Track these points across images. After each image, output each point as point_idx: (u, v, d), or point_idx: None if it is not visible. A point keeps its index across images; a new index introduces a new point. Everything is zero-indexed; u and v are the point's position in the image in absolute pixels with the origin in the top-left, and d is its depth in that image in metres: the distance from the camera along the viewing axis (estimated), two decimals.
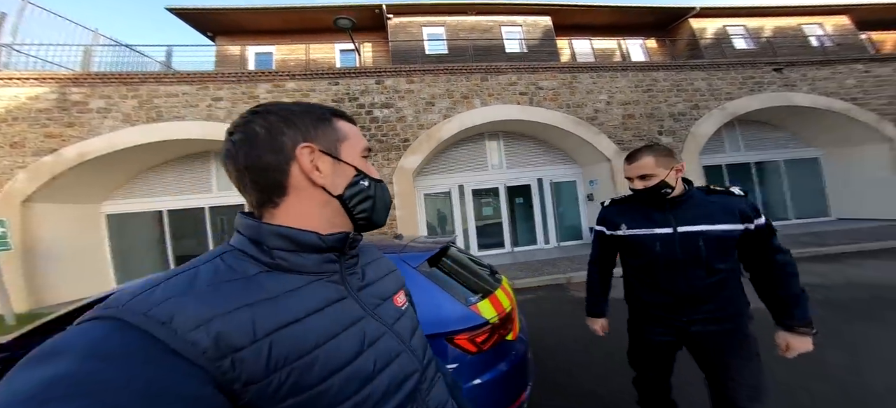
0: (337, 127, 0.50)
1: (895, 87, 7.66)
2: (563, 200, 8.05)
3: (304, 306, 0.41)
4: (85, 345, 0.31)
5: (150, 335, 0.32)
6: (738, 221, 1.12)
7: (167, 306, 0.34)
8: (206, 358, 0.33)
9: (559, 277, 5.19)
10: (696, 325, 1.16)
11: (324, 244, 0.45)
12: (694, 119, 7.39)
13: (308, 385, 0.37)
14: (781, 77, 7.69)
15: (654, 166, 1.13)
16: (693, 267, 1.13)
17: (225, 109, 6.39)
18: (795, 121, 8.27)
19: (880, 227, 6.62)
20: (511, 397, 1.45)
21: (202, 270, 0.40)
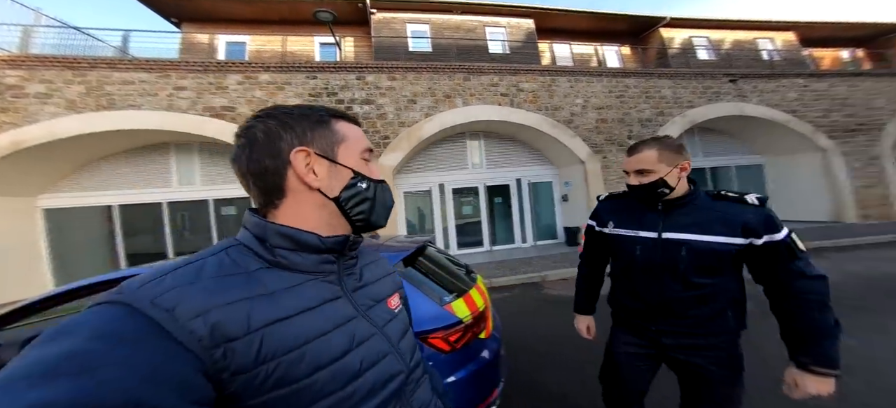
0: (335, 129, 0.51)
1: (829, 101, 8.61)
2: (539, 200, 8.35)
3: (298, 303, 0.43)
4: (95, 327, 0.33)
5: (154, 322, 0.34)
6: (739, 235, 0.96)
7: (172, 295, 0.36)
8: (201, 346, 0.35)
9: (534, 275, 5.40)
10: (668, 337, 1.07)
11: (323, 246, 0.47)
12: (659, 125, 7.87)
13: (294, 379, 0.39)
14: (736, 88, 8.37)
15: (656, 161, 1.01)
16: (669, 277, 1.03)
17: (189, 98, 5.96)
18: (745, 129, 9.08)
19: (811, 228, 7.53)
20: (484, 394, 1.49)
21: (209, 262, 0.42)
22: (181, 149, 6.92)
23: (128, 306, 0.35)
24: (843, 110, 8.56)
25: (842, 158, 8.14)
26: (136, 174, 6.73)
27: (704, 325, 1.02)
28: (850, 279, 3.93)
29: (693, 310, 1.02)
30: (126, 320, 0.34)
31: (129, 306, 0.35)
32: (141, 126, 5.75)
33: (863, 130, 8.47)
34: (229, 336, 0.37)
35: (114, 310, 0.35)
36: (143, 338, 0.33)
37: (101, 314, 0.34)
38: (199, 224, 6.97)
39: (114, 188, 6.59)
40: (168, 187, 6.81)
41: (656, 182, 1.01)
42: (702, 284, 1.00)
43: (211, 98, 6.06)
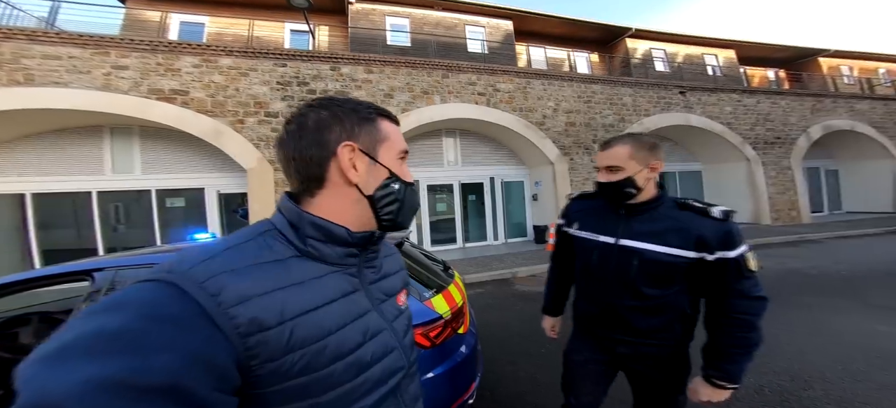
0: (380, 127, 0.51)
1: (756, 116, 9.91)
2: (511, 199, 8.70)
3: (323, 295, 0.44)
4: (146, 304, 0.34)
5: (200, 306, 0.35)
6: (692, 248, 0.93)
7: (219, 280, 0.37)
8: (238, 334, 0.36)
9: (505, 272, 5.67)
10: (622, 345, 1.05)
11: (351, 239, 0.48)
12: (620, 130, 8.50)
13: (316, 368, 0.41)
14: (684, 100, 9.28)
15: (627, 158, 0.97)
16: (621, 286, 1.01)
17: (130, 79, 5.27)
18: (688, 138, 10.17)
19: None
20: (462, 388, 1.51)
21: (249, 246, 0.43)
22: (119, 133, 6.13)
23: (177, 287, 0.35)
24: (765, 125, 9.93)
25: (762, 168, 9.51)
26: (60, 159, 5.87)
27: (652, 336, 1.01)
28: (766, 274, 4.68)
29: (641, 321, 1.00)
30: (175, 300, 0.35)
31: (178, 288, 0.35)
32: (68, 106, 5.00)
33: (779, 142, 9.92)
34: (265, 325, 0.38)
35: (164, 289, 0.35)
36: (190, 321, 0.34)
37: (153, 292, 0.35)
38: (138, 217, 6.30)
39: (29, 175, 5.71)
40: (99, 175, 6.05)
41: (624, 181, 0.97)
42: (650, 296, 0.97)
43: (159, 80, 5.41)
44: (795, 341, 2.59)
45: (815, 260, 5.43)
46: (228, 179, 6.53)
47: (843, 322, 2.91)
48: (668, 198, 1.02)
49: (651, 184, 1.00)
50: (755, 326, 0.92)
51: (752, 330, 0.92)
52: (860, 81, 13.41)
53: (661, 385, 1.04)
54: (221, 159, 6.23)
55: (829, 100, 10.68)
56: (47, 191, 5.79)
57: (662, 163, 1.00)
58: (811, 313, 3.14)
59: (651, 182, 1.00)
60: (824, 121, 10.42)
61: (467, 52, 9.13)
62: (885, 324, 2.80)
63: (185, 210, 6.53)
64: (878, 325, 2.79)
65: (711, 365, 0.94)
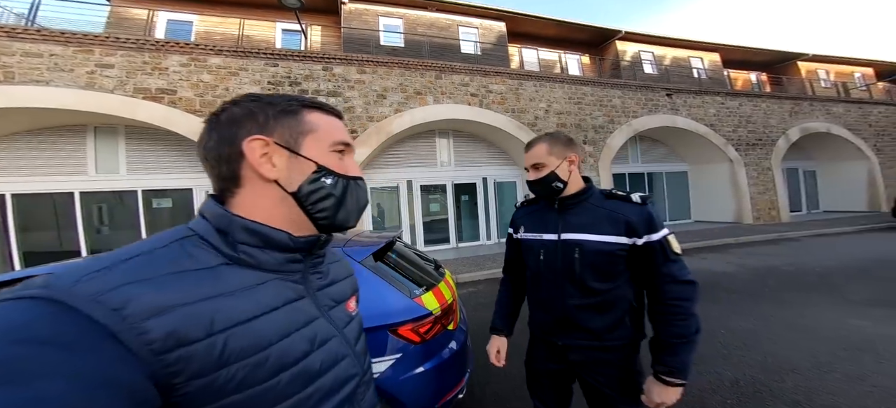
0: (304, 119, 0.47)
1: (738, 118, 10.24)
2: (504, 199, 8.79)
3: (261, 304, 0.40)
4: (16, 327, 0.28)
5: (96, 323, 0.30)
6: (623, 234, 0.96)
7: (123, 292, 0.32)
8: (150, 350, 0.31)
9: (497, 270, 5.62)
10: (574, 352, 1.04)
11: (293, 245, 0.45)
12: (609, 132, 8.70)
13: (256, 381, 0.37)
14: (670, 102, 9.54)
15: (546, 154, 1.01)
16: (569, 283, 1.01)
17: (116, 78, 5.16)
18: (674, 139, 10.46)
19: (721, 228, 9.11)
20: (452, 383, 1.55)
21: (160, 253, 0.37)
22: (103, 132, 5.98)
23: (60, 302, 0.30)
24: (747, 127, 10.28)
25: (744, 169, 9.85)
26: (41, 159, 5.69)
27: (603, 337, 1.00)
28: (746, 272, 4.93)
29: (592, 321, 1.00)
30: (60, 319, 0.29)
31: (61, 304, 0.30)
32: (47, 105, 4.86)
33: (760, 144, 10.29)
34: (189, 339, 0.34)
35: (40, 307, 0.29)
36: (84, 341, 0.29)
37: (24, 312, 0.29)
38: (123, 218, 6.15)
39: (9, 175, 5.52)
40: (82, 175, 5.89)
41: (548, 176, 1.01)
42: (598, 290, 0.99)
43: (146, 79, 5.30)
44: (771, 336, 2.72)
45: (792, 258, 5.67)
46: None
47: (817, 317, 3.07)
48: (596, 190, 1.07)
49: (575, 176, 1.04)
50: (690, 312, 0.93)
51: (687, 317, 0.93)
52: (836, 85, 13.99)
53: (614, 399, 1.02)
54: None
55: (807, 103, 11.12)
56: (28, 191, 5.61)
57: (578, 156, 1.05)
58: (787, 309, 3.30)
59: (574, 175, 1.04)
60: (802, 123, 10.84)
61: (461, 53, 9.19)
62: (855, 318, 2.97)
63: (173, 211, 6.41)
64: (848, 319, 2.95)
65: (656, 360, 0.95)
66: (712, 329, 2.87)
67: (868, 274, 4.38)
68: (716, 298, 3.71)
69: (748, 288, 4.09)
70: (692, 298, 0.94)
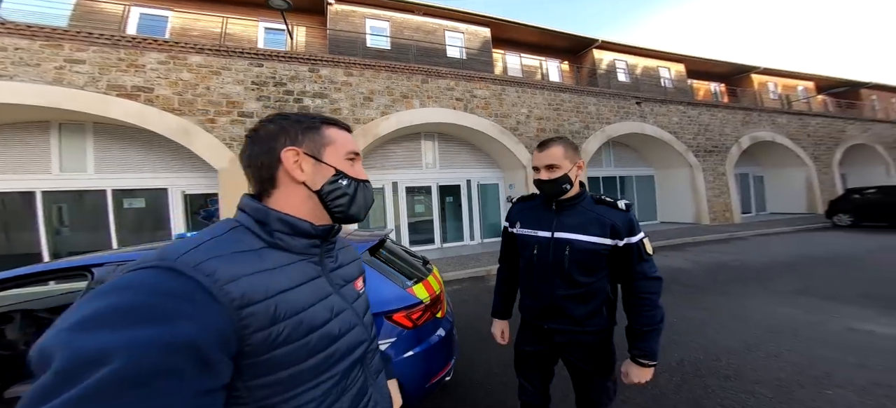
0: (324, 133, 0.58)
1: (698, 126, 11.13)
2: (487, 200, 9.09)
3: (293, 279, 0.50)
4: (149, 285, 0.38)
5: (200, 284, 0.40)
6: (608, 236, 1.09)
7: (210, 264, 0.43)
8: (233, 306, 0.42)
9: (480, 270, 6.03)
10: (558, 335, 1.18)
11: (314, 232, 0.56)
12: (585, 137, 9.19)
13: (296, 337, 0.47)
14: (640, 109, 10.21)
15: (563, 157, 1.11)
16: (557, 276, 1.14)
17: (88, 74, 4.91)
18: (643, 145, 11.21)
19: (682, 228, 9.94)
20: (440, 365, 1.70)
21: (224, 238, 0.49)
22: (69, 130, 5.65)
23: (173, 270, 0.40)
24: (705, 134, 11.21)
25: (702, 174, 10.78)
26: (2, 157, 5.31)
27: (584, 322, 1.14)
28: (700, 267, 5.52)
29: (576, 309, 1.13)
30: (178, 281, 0.40)
31: (175, 271, 0.40)
32: (13, 100, 4.55)
33: (716, 151, 11.27)
34: (254, 300, 0.44)
35: (164, 273, 0.40)
36: (194, 296, 0.39)
37: (155, 276, 0.39)
38: (89, 218, 5.83)
39: None
40: (45, 174, 5.55)
41: (562, 177, 1.10)
42: (582, 283, 1.11)
43: (121, 76, 5.07)
44: (713, 322, 3.17)
45: (739, 254, 6.40)
46: (195, 180, 6.25)
47: (751, 305, 3.58)
48: (588, 195, 1.18)
49: (577, 181, 1.15)
50: (656, 304, 1.09)
51: (654, 308, 1.09)
52: (781, 97, 15.50)
53: (591, 375, 1.18)
54: (188, 159, 5.96)
55: (756, 113, 12.29)
56: None
57: (584, 163, 1.18)
58: (730, 300, 3.80)
59: (578, 179, 1.15)
60: (752, 132, 11.99)
61: (446, 57, 9.32)
62: (781, 305, 3.50)
63: (145, 211, 6.15)
64: (776, 307, 3.48)
65: (632, 345, 1.11)
66: (667, 318, 3.26)
67: (796, 268, 5.07)
68: (672, 292, 4.17)
69: (700, 282, 4.62)
70: (658, 291, 1.10)
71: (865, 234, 7.93)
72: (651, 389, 2.10)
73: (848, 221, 9.37)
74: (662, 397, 2.07)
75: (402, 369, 1.56)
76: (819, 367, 2.29)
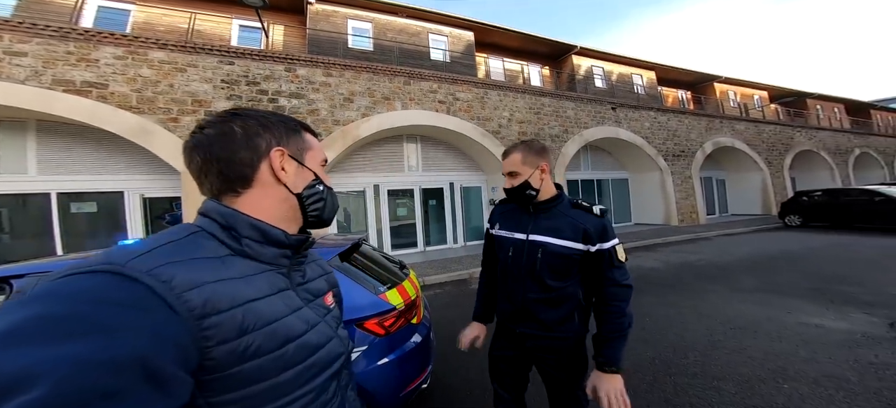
0: (304, 138, 0.59)
1: (667, 132, 11.77)
2: (470, 203, 9.13)
3: (263, 289, 0.47)
4: (86, 290, 0.33)
5: (152, 291, 0.36)
6: (580, 241, 1.08)
7: (167, 269, 0.39)
8: (193, 316, 0.38)
9: (463, 272, 6.02)
10: (529, 340, 1.16)
11: (287, 241, 0.52)
12: (564, 141, 9.46)
13: (269, 349, 0.44)
14: (614, 115, 10.65)
15: (521, 163, 1.10)
16: (529, 279, 1.12)
17: (30, 67, 4.46)
18: (618, 150, 11.71)
19: (653, 229, 10.45)
20: (415, 372, 1.65)
21: (183, 242, 0.45)
22: (7, 127, 5.09)
23: (123, 275, 0.36)
24: (674, 140, 11.88)
25: (670, 177, 11.40)
26: None
27: (554, 328, 1.12)
28: (669, 267, 5.80)
29: (546, 313, 1.11)
30: (125, 287, 0.35)
31: (124, 276, 0.36)
32: None
33: (683, 155, 11.97)
34: (218, 309, 0.41)
35: (108, 278, 0.35)
36: (144, 304, 0.35)
37: (95, 280, 0.35)
38: (30, 224, 5.32)
39: None
40: None
41: (523, 184, 1.10)
42: (553, 287, 1.10)
43: (69, 70, 4.64)
44: (681, 320, 3.32)
45: (704, 254, 6.79)
46: (155, 182, 5.83)
47: (715, 302, 3.78)
48: (566, 198, 1.17)
49: (547, 184, 1.13)
50: (624, 311, 1.07)
51: (622, 316, 1.07)
52: (740, 105, 16.72)
53: (563, 382, 1.15)
54: (147, 160, 5.55)
55: (718, 120, 13.18)
56: None
57: (549, 164, 1.13)
58: (696, 298, 4.01)
59: (546, 182, 1.13)
60: (714, 138, 12.83)
61: (430, 59, 9.28)
62: (742, 302, 3.73)
63: (98, 216, 5.65)
64: (738, 304, 3.70)
65: (598, 352, 1.07)
66: (638, 318, 3.31)
67: (755, 267, 5.45)
68: (644, 291, 4.35)
69: (669, 281, 4.85)
70: (627, 299, 1.09)
71: (813, 233, 8.67)
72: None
73: (798, 221, 10.23)
74: (635, 396, 2.12)
75: (375, 377, 1.50)
76: (776, 361, 2.45)
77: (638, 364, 2.49)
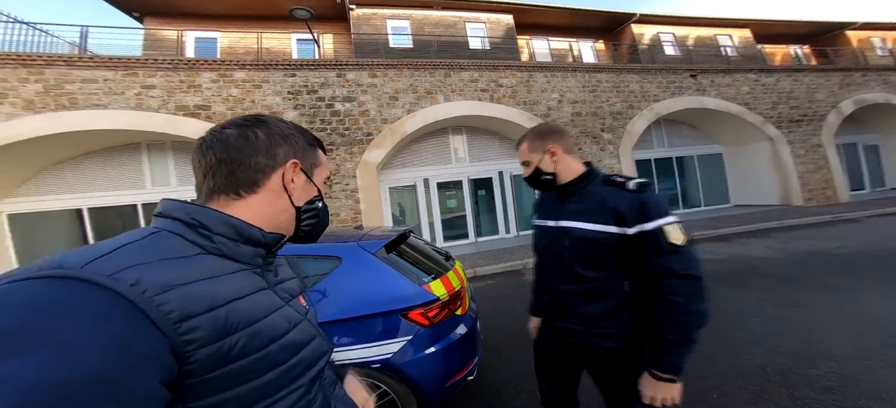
0: (317, 154, 0.60)
1: (777, 94, 9.43)
2: (522, 191, 8.63)
3: (242, 289, 0.45)
4: (35, 298, 0.30)
5: (119, 296, 0.33)
6: (611, 223, 0.91)
7: (133, 271, 0.35)
8: (168, 320, 0.35)
9: (516, 263, 5.69)
10: (570, 335, 1.03)
11: (263, 240, 0.50)
12: (629, 118, 8.36)
13: (254, 349, 0.43)
14: (696, 83, 8.99)
15: (528, 152, 1.05)
16: (561, 268, 1.02)
17: (158, 97, 5.73)
18: (704, 121, 9.79)
19: (763, 212, 8.31)
20: (460, 364, 1.64)
21: (146, 242, 0.41)
22: (154, 149, 6.66)
23: (79, 280, 0.32)
24: (788, 103, 9.41)
25: (788, 147, 8.97)
26: (106, 176, 6.43)
27: (596, 324, 0.97)
28: (789, 256, 4.47)
29: (583, 307, 0.98)
30: (83, 294, 0.32)
31: (80, 281, 0.32)
32: (109, 126, 5.51)
33: (806, 120, 9.36)
34: (197, 311, 0.38)
35: (62, 284, 0.31)
36: (108, 312, 0.32)
37: (47, 287, 0.31)
38: None
39: (81, 191, 6.28)
40: (141, 188, 6.55)
41: (535, 171, 1.04)
42: (588, 278, 0.96)
43: (183, 97, 5.86)
44: (809, 322, 2.47)
45: (847, 240, 5.06)
46: None
47: (867, 303, 2.71)
48: (599, 175, 1.02)
49: (564, 164, 1.01)
50: (686, 309, 0.84)
51: (683, 314, 0.84)
52: (894, 53, 12.49)
53: (615, 391, 0.98)
54: None
55: (860, 74, 10.01)
56: (99, 205, 6.35)
57: (561, 144, 1.01)
58: (832, 294, 2.96)
59: (562, 163, 1.01)
60: (856, 95, 9.75)
61: (469, 48, 9.25)
62: None
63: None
64: None
65: (649, 354, 0.90)
66: (742, 318, 2.66)
67: None
68: (747, 286, 3.42)
69: (788, 274, 3.72)
70: (690, 294, 0.85)
71: None
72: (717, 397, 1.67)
73: None
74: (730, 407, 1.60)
75: (419, 367, 1.52)
76: None
77: (738, 370, 1.92)
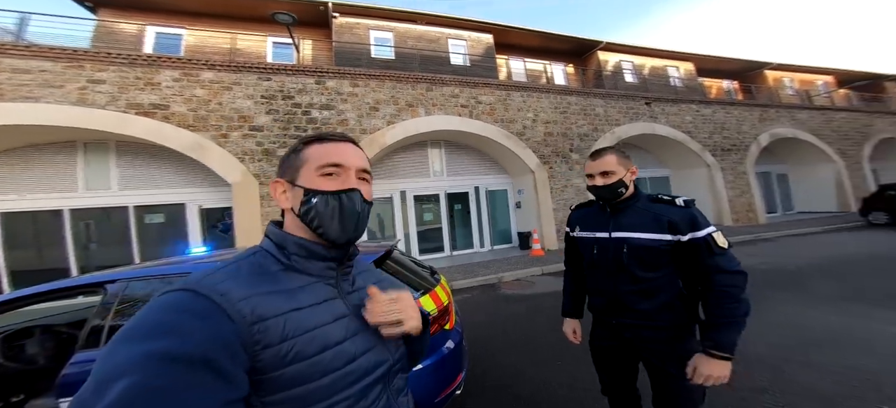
0: (301, 155, 0.59)
1: (713, 125, 10.78)
2: (496, 206, 8.98)
3: (308, 300, 0.54)
4: (174, 304, 0.45)
5: (214, 303, 0.46)
6: (666, 232, 1.12)
7: (225, 285, 0.48)
8: (244, 322, 0.46)
9: (491, 277, 5.88)
10: (627, 330, 1.20)
11: (328, 255, 0.58)
12: (594, 140, 8.99)
13: (308, 354, 0.50)
14: (649, 110, 9.97)
15: (616, 164, 1.18)
16: (620, 273, 1.18)
17: (108, 93, 5.14)
18: (655, 146, 10.89)
19: None
20: (450, 378, 1.67)
21: (243, 263, 0.55)
22: (93, 149, 5.90)
23: (194, 291, 0.46)
24: (722, 133, 10.83)
25: (720, 173, 10.35)
26: (31, 177, 5.58)
27: (652, 317, 1.15)
28: None
29: (640, 304, 1.16)
30: (195, 301, 0.45)
31: (194, 292, 0.46)
32: (39, 122, 4.81)
33: (734, 149, 10.85)
34: (264, 317, 0.48)
35: (184, 294, 0.46)
36: (208, 313, 0.45)
37: (176, 296, 0.46)
38: (113, 234, 6.02)
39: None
40: (72, 192, 5.79)
41: (618, 182, 1.18)
42: (644, 278, 1.15)
43: (138, 94, 5.29)
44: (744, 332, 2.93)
45: (766, 257, 6.01)
46: (210, 194, 6.39)
47: (784, 311, 3.30)
48: (643, 195, 1.24)
49: (632, 185, 1.23)
50: (739, 298, 1.04)
51: (737, 302, 1.04)
52: (800, 93, 14.91)
53: (671, 375, 1.12)
54: (203, 174, 6.11)
55: (774, 110, 11.82)
56: (15, 209, 5.46)
57: (637, 170, 1.25)
58: (758, 306, 3.51)
59: (632, 183, 1.23)
60: (771, 129, 11.51)
61: (450, 64, 9.41)
62: (820, 312, 3.21)
63: (165, 226, 6.31)
64: (814, 313, 3.19)
65: (704, 336, 1.06)
66: None
67: (833, 271, 4.70)
68: None
69: None
70: (742, 285, 1.05)
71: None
72: None
73: (884, 219, 8.75)
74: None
75: (411, 383, 1.50)
76: (868, 379, 2.06)
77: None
